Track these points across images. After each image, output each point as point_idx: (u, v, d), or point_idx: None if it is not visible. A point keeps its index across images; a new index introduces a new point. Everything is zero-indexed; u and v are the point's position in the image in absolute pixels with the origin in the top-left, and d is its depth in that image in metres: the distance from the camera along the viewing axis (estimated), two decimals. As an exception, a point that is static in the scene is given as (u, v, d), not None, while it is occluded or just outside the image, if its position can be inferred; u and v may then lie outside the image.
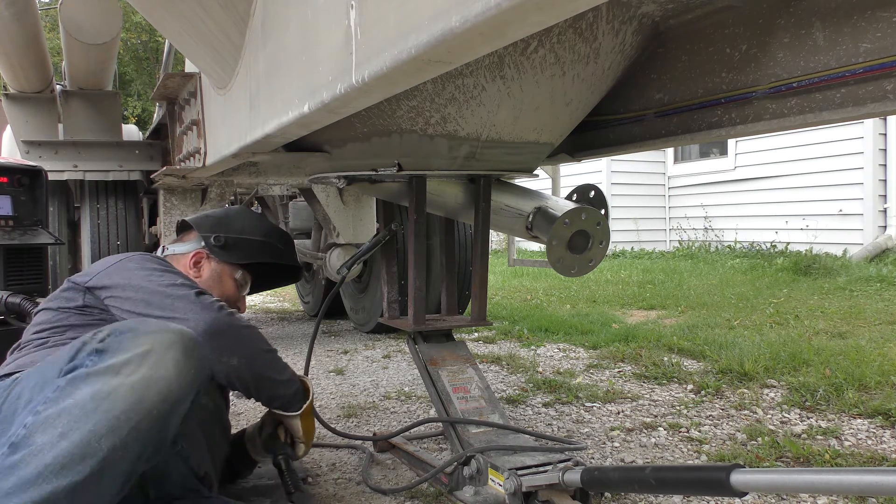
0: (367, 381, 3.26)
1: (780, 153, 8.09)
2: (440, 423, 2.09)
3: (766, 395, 2.77)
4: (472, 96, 1.58)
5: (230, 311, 1.54)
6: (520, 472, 1.58)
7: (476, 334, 4.38)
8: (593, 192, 2.02)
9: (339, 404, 2.84)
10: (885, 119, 7.07)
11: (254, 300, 6.98)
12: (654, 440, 2.30)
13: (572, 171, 9.49)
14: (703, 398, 2.77)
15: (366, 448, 2.23)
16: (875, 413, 2.44)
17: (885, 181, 7.30)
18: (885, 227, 7.28)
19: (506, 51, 1.48)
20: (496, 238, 10.59)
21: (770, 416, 2.51)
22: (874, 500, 1.75)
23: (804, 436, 2.28)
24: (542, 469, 1.61)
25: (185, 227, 1.96)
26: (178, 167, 2.72)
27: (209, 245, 1.85)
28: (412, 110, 1.62)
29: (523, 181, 2.18)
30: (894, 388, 2.67)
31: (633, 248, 9.69)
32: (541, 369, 3.37)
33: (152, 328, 1.19)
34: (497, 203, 1.99)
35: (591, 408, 2.69)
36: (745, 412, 2.56)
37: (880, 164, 7.29)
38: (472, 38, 0.79)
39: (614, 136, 1.94)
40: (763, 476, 1.09)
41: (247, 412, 2.78)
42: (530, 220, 1.94)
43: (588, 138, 2.05)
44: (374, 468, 2.11)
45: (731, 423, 2.44)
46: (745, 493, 1.13)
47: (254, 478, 1.92)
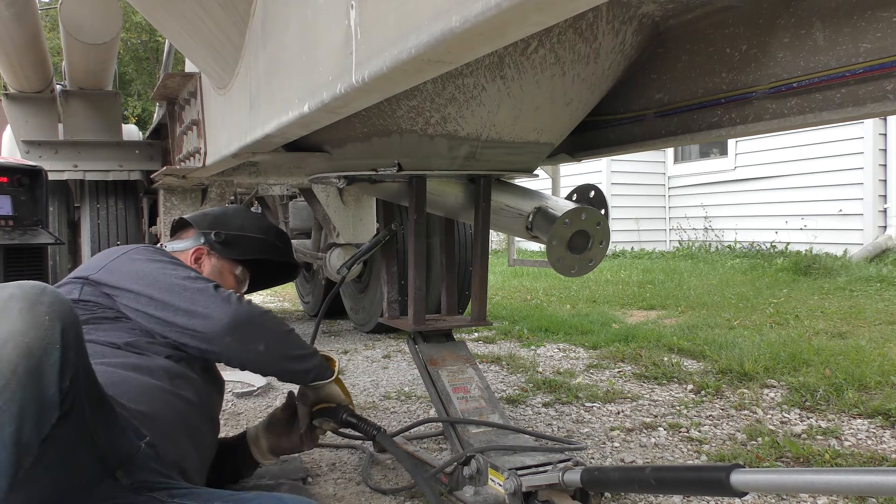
0: (367, 381, 3.26)
1: (780, 153, 8.09)
2: (440, 423, 2.09)
3: (766, 395, 2.77)
4: (472, 96, 1.58)
5: (247, 300, 1.58)
6: (520, 472, 1.58)
7: (476, 334, 4.38)
8: (593, 192, 2.02)
9: (339, 404, 2.83)
10: (885, 119, 7.07)
11: (253, 300, 6.96)
12: (654, 440, 2.30)
13: (572, 171, 9.49)
14: (703, 398, 2.77)
15: (366, 448, 2.23)
16: (875, 413, 2.44)
17: (885, 181, 7.30)
18: (885, 227, 7.28)
19: (506, 51, 1.48)
20: (496, 238, 10.59)
21: (770, 416, 2.51)
22: (874, 500, 1.75)
23: (804, 436, 2.28)
24: (541, 469, 1.61)
25: (182, 224, 1.97)
26: (178, 167, 2.72)
27: (209, 241, 1.86)
28: (412, 110, 1.62)
29: (523, 181, 2.18)
30: (894, 388, 2.67)
31: (633, 248, 9.69)
32: (541, 369, 3.37)
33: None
34: (497, 203, 1.99)
35: (591, 408, 2.69)
36: (745, 412, 2.56)
37: (880, 164, 7.29)
38: (472, 38, 0.79)
39: (614, 136, 1.94)
40: (763, 476, 1.09)
41: (247, 412, 2.78)
42: (530, 220, 1.94)
43: (588, 138, 2.05)
44: (374, 468, 2.11)
45: (731, 423, 2.44)
46: (745, 493, 1.13)
47: (254, 478, 1.92)
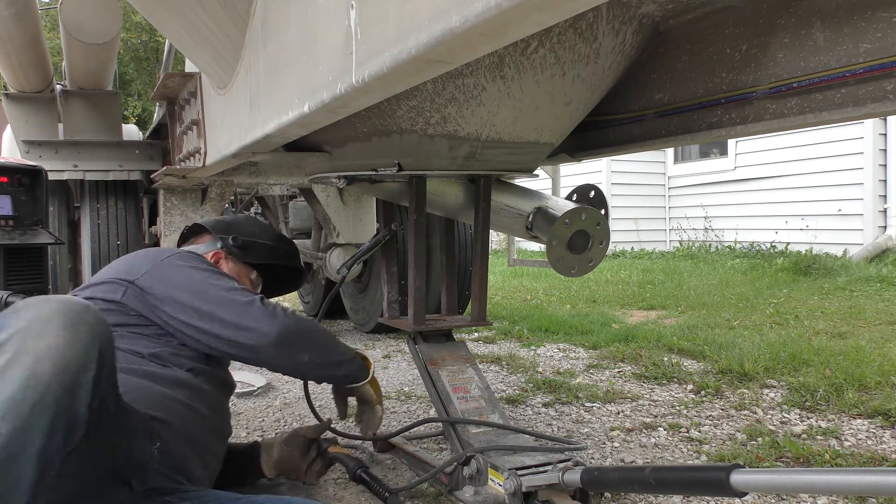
0: (367, 381, 3.26)
1: (780, 153, 8.08)
2: (440, 423, 2.09)
3: (766, 395, 2.77)
4: (472, 96, 1.58)
5: (291, 310, 1.63)
6: (520, 472, 1.58)
7: (476, 334, 4.38)
8: (593, 192, 2.02)
9: (339, 404, 2.83)
10: (885, 119, 7.06)
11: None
12: (654, 440, 2.30)
13: (572, 171, 9.49)
14: (703, 398, 2.77)
15: (366, 448, 2.23)
16: (875, 413, 2.44)
17: (885, 181, 7.30)
18: (885, 227, 7.28)
19: (506, 51, 1.48)
20: (496, 238, 10.58)
21: (770, 416, 2.51)
22: (874, 500, 1.75)
23: (804, 436, 2.28)
24: (541, 469, 1.61)
25: (196, 230, 2.02)
26: (178, 167, 2.72)
27: (227, 245, 1.91)
28: (412, 110, 1.62)
29: (523, 181, 2.18)
30: (894, 388, 2.67)
31: (633, 249, 9.69)
32: (541, 369, 3.37)
33: (31, 302, 1.13)
34: (497, 203, 1.99)
35: (591, 408, 2.69)
36: (745, 412, 2.56)
37: (880, 165, 7.29)
38: (472, 38, 0.79)
39: (614, 136, 1.94)
40: (763, 476, 1.09)
41: (247, 412, 2.78)
42: (530, 220, 1.94)
43: (588, 138, 2.05)
44: (374, 468, 2.11)
45: (731, 424, 2.44)
46: (745, 493, 1.13)
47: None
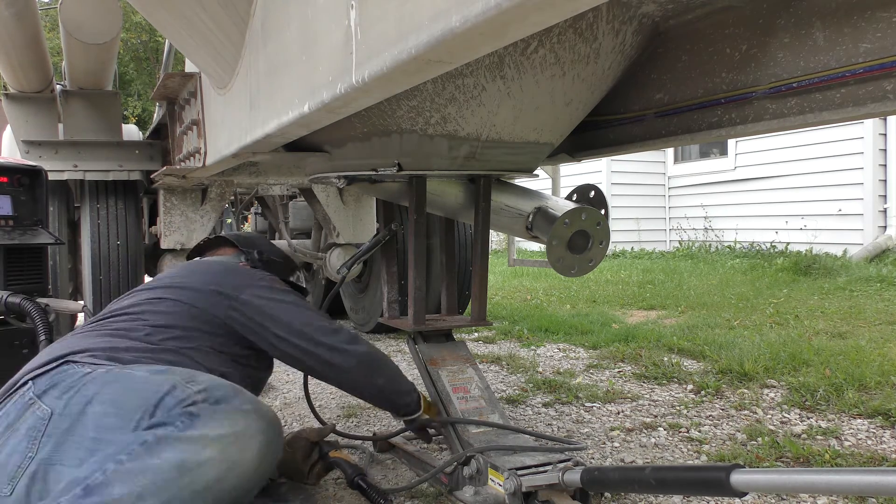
0: (367, 381, 3.25)
1: (780, 153, 8.08)
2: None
3: (766, 395, 2.77)
4: (472, 96, 1.58)
5: (366, 338, 1.73)
6: (520, 472, 1.58)
7: (476, 334, 4.38)
8: (593, 192, 2.02)
9: (339, 404, 2.83)
10: (885, 119, 7.06)
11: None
12: (654, 440, 2.30)
13: (572, 171, 9.49)
14: (703, 398, 2.77)
15: (366, 448, 2.23)
16: (875, 413, 2.44)
17: (885, 181, 7.29)
18: (885, 227, 7.27)
19: (506, 51, 1.48)
20: (496, 238, 10.58)
21: (770, 416, 2.51)
22: (874, 500, 1.75)
23: (804, 436, 2.28)
24: (541, 469, 1.61)
25: (219, 242, 2.09)
26: (178, 167, 2.72)
27: (252, 259, 1.99)
28: (412, 110, 1.62)
29: (523, 181, 2.18)
30: (894, 388, 2.67)
31: (633, 248, 9.69)
32: (541, 369, 3.37)
33: (246, 406, 1.20)
34: (497, 203, 1.99)
35: (591, 408, 2.69)
36: (745, 412, 2.56)
37: (880, 165, 7.29)
38: (472, 38, 0.79)
39: (614, 136, 1.94)
40: (763, 476, 1.09)
41: (247, 412, 2.78)
42: (530, 220, 1.94)
43: (588, 138, 2.05)
44: (374, 468, 2.11)
45: (731, 424, 2.44)
46: (745, 493, 1.13)
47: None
